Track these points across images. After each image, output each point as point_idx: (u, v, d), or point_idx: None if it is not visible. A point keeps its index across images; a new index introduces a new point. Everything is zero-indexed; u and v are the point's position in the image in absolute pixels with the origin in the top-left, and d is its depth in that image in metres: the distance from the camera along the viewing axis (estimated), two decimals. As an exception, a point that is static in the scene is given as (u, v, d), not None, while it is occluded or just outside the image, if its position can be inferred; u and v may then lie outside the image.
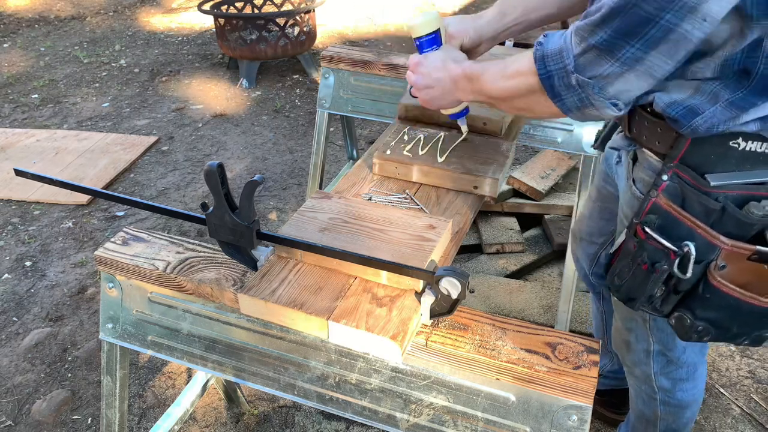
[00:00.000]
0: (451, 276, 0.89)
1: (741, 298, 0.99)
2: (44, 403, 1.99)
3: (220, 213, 1.00)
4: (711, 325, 1.04)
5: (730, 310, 1.01)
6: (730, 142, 0.97)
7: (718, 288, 0.99)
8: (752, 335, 1.07)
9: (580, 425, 0.88)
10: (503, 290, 2.37)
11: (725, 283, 0.98)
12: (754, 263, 0.97)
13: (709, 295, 1.01)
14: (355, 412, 1.04)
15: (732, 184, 0.98)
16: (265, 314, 0.99)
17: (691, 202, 1.01)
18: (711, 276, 0.99)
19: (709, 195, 0.99)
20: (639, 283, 1.06)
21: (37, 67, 4.81)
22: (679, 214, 1.01)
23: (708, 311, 1.03)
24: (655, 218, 1.04)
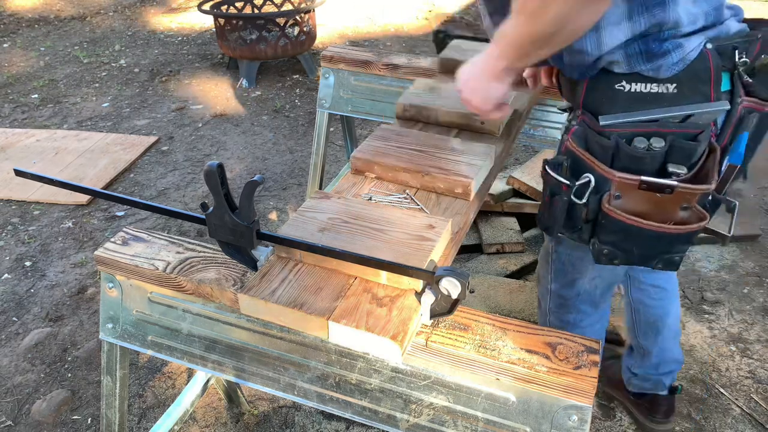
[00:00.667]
0: (451, 276, 0.89)
1: (626, 221, 1.10)
2: (44, 403, 1.99)
3: (220, 213, 1.00)
4: (615, 248, 1.16)
5: (622, 233, 1.12)
6: (615, 85, 1.07)
7: (608, 213, 1.11)
8: (661, 258, 1.16)
9: (581, 425, 0.88)
10: (503, 290, 2.37)
11: (613, 210, 1.10)
12: (646, 192, 1.07)
13: (604, 221, 1.13)
14: (355, 413, 1.04)
15: (620, 123, 1.08)
16: (265, 314, 0.98)
17: (591, 143, 1.12)
18: (603, 205, 1.11)
19: (602, 134, 1.09)
20: (548, 212, 1.19)
21: (37, 67, 4.81)
22: (581, 153, 1.12)
23: (607, 235, 1.15)
24: (565, 158, 1.15)
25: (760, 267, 2.55)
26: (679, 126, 1.07)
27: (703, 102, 1.06)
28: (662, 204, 1.08)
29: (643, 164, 1.07)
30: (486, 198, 1.38)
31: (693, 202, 1.07)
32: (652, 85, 1.05)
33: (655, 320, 1.71)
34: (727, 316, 2.31)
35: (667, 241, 1.12)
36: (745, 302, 2.37)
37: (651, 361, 1.77)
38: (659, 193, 1.06)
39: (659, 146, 1.05)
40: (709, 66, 1.04)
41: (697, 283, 2.46)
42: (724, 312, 2.32)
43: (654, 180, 1.05)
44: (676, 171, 1.06)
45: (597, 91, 1.11)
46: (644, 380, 1.81)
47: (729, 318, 2.30)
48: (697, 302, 2.37)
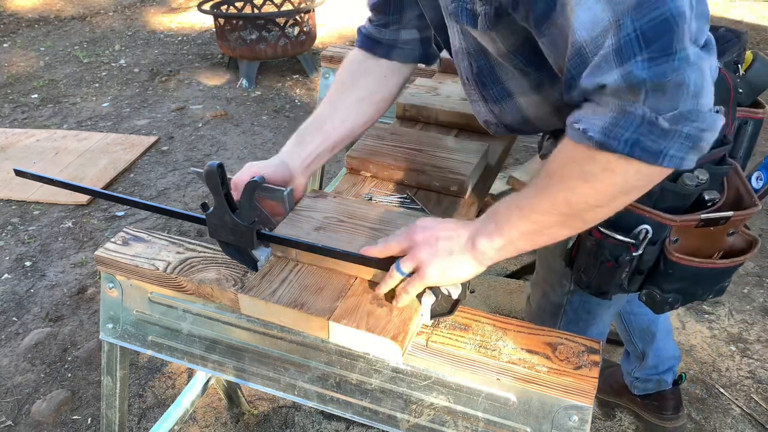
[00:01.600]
0: (451, 276, 0.88)
1: (700, 266, 1.05)
2: (44, 403, 1.99)
3: (220, 213, 1.00)
4: (679, 294, 1.10)
5: (692, 278, 1.07)
6: None
7: (677, 262, 1.05)
8: (714, 290, 1.13)
9: (581, 425, 0.88)
10: (503, 290, 2.37)
11: (683, 257, 1.04)
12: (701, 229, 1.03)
13: (671, 270, 1.06)
14: (356, 413, 1.04)
15: None
16: (265, 315, 0.98)
17: None
18: (668, 252, 1.04)
19: None
20: (608, 278, 1.10)
21: (37, 67, 4.81)
22: None
23: (673, 284, 1.08)
24: None
25: (760, 267, 2.55)
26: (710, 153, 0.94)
27: None
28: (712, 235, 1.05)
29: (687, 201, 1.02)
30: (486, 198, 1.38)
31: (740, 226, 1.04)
32: None
33: (647, 326, 1.71)
34: (727, 316, 2.31)
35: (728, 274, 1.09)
36: (745, 302, 2.37)
37: (649, 363, 1.77)
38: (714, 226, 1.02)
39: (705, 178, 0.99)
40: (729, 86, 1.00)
41: (697, 283, 2.46)
42: (724, 312, 2.32)
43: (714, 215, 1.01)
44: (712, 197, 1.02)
45: None
46: (647, 382, 1.81)
47: (729, 318, 2.30)
48: (697, 302, 2.37)
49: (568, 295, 1.34)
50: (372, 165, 1.32)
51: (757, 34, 5.13)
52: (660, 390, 1.82)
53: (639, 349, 1.76)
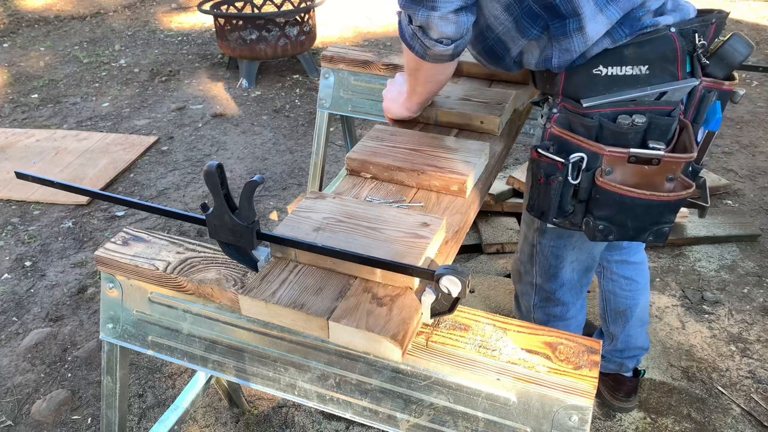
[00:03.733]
0: (451, 274, 0.89)
1: (621, 193, 1.16)
2: (44, 403, 1.99)
3: (220, 213, 1.00)
4: (609, 222, 1.21)
5: (617, 205, 1.18)
6: (593, 70, 1.17)
7: (601, 187, 1.17)
8: (652, 230, 1.22)
9: (581, 425, 0.88)
10: (503, 290, 2.37)
11: (607, 182, 1.16)
12: (635, 165, 1.15)
13: (598, 195, 1.19)
14: (356, 413, 1.04)
15: (602, 104, 1.16)
16: (265, 315, 0.99)
17: (575, 125, 1.19)
18: (597, 179, 1.18)
19: (586, 116, 1.17)
20: (543, 196, 1.25)
21: (37, 67, 4.81)
22: (568, 136, 1.20)
23: (602, 210, 1.21)
24: (551, 143, 1.22)
25: (760, 267, 2.55)
26: (654, 104, 1.16)
27: (672, 80, 1.16)
28: (650, 176, 1.16)
29: (626, 140, 1.15)
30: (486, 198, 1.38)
31: (677, 172, 1.15)
32: (626, 67, 1.15)
33: (624, 309, 1.80)
34: (727, 316, 2.31)
35: (657, 211, 1.19)
36: (745, 302, 2.37)
37: (617, 346, 1.88)
38: (647, 165, 1.14)
39: (641, 121, 1.13)
40: (676, 47, 1.14)
41: (697, 283, 2.46)
42: (724, 312, 2.32)
43: (642, 151, 1.13)
44: (656, 146, 1.14)
45: (576, 77, 1.20)
46: (609, 362, 1.92)
47: (729, 318, 2.30)
48: (697, 302, 2.37)
49: (537, 235, 1.51)
50: (372, 166, 1.32)
51: (757, 34, 5.13)
52: (620, 373, 1.93)
53: (610, 329, 1.86)
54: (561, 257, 1.52)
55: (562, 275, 1.55)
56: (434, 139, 1.41)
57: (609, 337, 1.88)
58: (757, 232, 2.71)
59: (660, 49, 1.14)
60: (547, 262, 1.54)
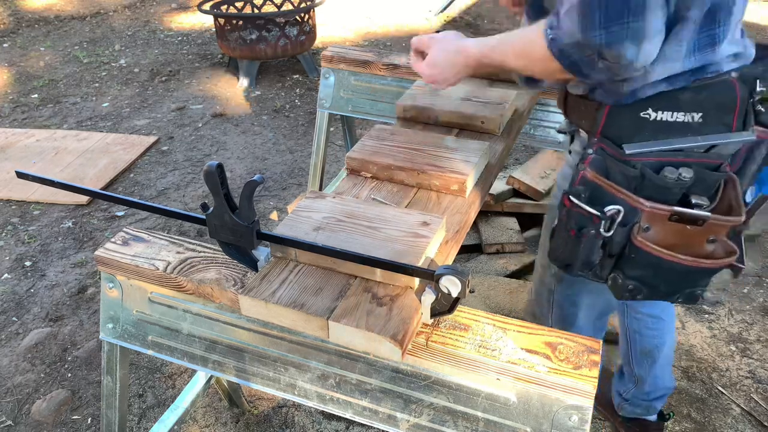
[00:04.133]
0: (451, 274, 0.89)
1: (660, 256, 1.07)
2: (44, 403, 1.99)
3: (220, 213, 1.00)
4: (640, 283, 1.12)
5: (652, 267, 1.09)
6: (641, 113, 1.05)
7: (639, 247, 1.08)
8: (684, 292, 1.13)
9: (581, 425, 0.88)
10: (503, 290, 2.37)
11: (646, 243, 1.07)
12: (676, 224, 1.05)
13: (633, 254, 1.09)
14: (356, 413, 1.04)
15: (647, 152, 1.06)
16: (265, 316, 0.98)
17: (614, 172, 1.09)
18: (634, 237, 1.08)
19: (626, 163, 1.07)
20: (571, 249, 1.14)
21: (37, 67, 4.81)
22: (604, 183, 1.09)
23: (634, 270, 1.11)
24: (584, 189, 1.11)
25: (760, 267, 2.55)
26: (702, 156, 1.05)
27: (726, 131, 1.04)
28: (690, 236, 1.06)
29: (669, 195, 1.05)
30: (486, 198, 1.38)
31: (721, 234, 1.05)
32: (678, 114, 1.04)
33: (651, 350, 1.69)
34: (727, 316, 2.31)
35: (695, 276, 1.10)
36: (745, 302, 2.37)
37: (644, 389, 1.75)
38: (690, 225, 1.04)
39: (688, 177, 1.03)
40: (736, 96, 1.03)
41: (697, 283, 2.46)
42: (724, 312, 2.32)
43: (688, 211, 1.03)
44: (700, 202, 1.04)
45: (621, 118, 1.08)
46: (635, 405, 1.79)
47: (729, 318, 2.30)
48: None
49: (554, 280, 1.41)
50: (372, 165, 1.32)
51: (757, 33, 5.14)
52: (646, 418, 1.80)
53: (636, 372, 1.74)
54: (577, 303, 1.43)
55: (578, 322, 1.47)
56: (434, 138, 1.41)
57: (633, 380, 1.76)
58: (757, 232, 2.70)
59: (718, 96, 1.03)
60: (563, 309, 1.45)
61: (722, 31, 1.01)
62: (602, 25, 0.92)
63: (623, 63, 0.95)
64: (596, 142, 1.12)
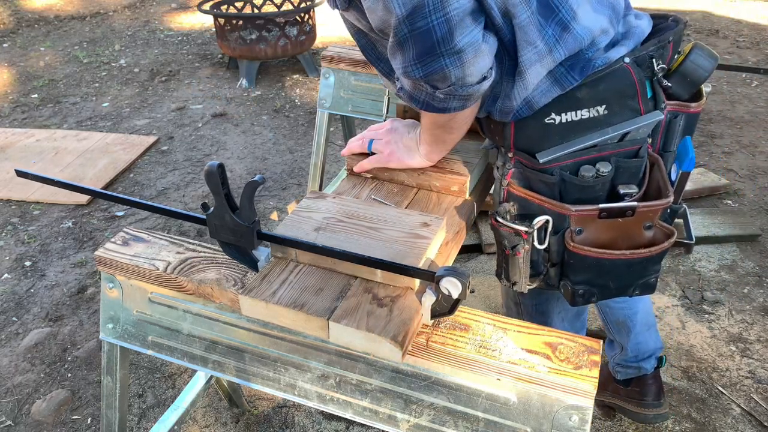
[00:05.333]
0: (451, 276, 0.88)
1: (596, 256, 1.06)
2: (44, 403, 1.99)
3: (220, 213, 1.00)
4: (590, 286, 1.11)
5: (595, 269, 1.08)
6: (545, 119, 1.05)
7: (573, 251, 1.07)
8: (637, 284, 1.12)
9: (581, 425, 0.88)
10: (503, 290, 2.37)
11: (578, 246, 1.06)
12: (607, 221, 1.04)
13: (572, 260, 1.09)
14: (356, 413, 1.04)
15: (561, 156, 1.05)
16: (266, 316, 0.99)
17: (534, 183, 1.09)
18: (567, 243, 1.07)
19: (544, 171, 1.06)
20: (511, 267, 1.14)
21: (37, 67, 4.81)
22: (528, 195, 1.09)
23: (579, 274, 1.10)
24: (512, 205, 1.12)
25: (760, 267, 2.55)
26: (618, 146, 1.05)
27: (635, 116, 1.04)
28: (626, 228, 1.06)
29: (594, 193, 1.05)
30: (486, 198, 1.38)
31: (655, 219, 1.05)
32: (581, 111, 1.03)
33: (624, 320, 1.71)
34: (727, 316, 2.31)
35: (641, 267, 1.09)
36: (745, 302, 2.37)
37: (628, 354, 1.79)
38: (621, 218, 1.04)
39: (607, 170, 1.04)
40: (633, 80, 1.02)
41: (697, 283, 2.46)
42: (724, 312, 2.32)
43: (613, 206, 1.03)
44: (628, 191, 1.05)
45: (528, 128, 1.08)
46: (627, 368, 1.83)
47: (729, 318, 2.30)
48: (697, 302, 2.37)
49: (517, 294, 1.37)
50: None
51: (757, 33, 5.14)
52: (640, 375, 1.82)
53: (617, 340, 1.78)
54: (546, 312, 1.42)
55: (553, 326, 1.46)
56: None
57: (618, 346, 1.80)
58: (757, 232, 2.71)
59: (616, 85, 1.02)
60: (533, 319, 1.42)
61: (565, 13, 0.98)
62: (416, 60, 0.95)
63: (457, 84, 0.96)
64: (512, 157, 1.12)
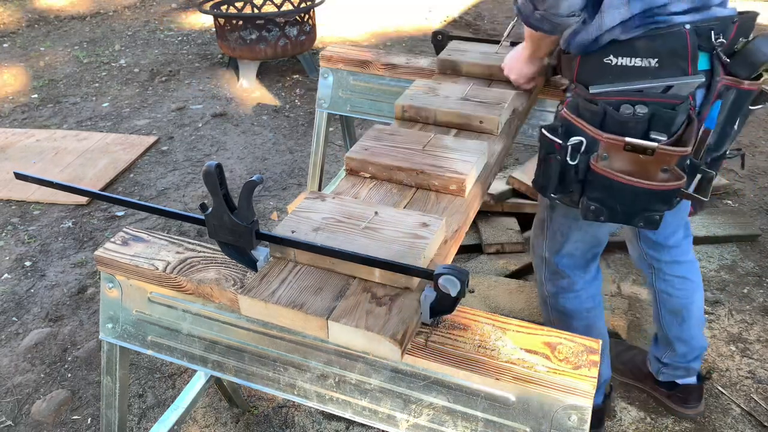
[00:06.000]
0: (450, 274, 0.89)
1: (611, 177, 1.22)
2: (44, 403, 1.99)
3: (219, 214, 1.00)
4: (601, 204, 1.27)
5: (608, 189, 1.24)
6: (604, 59, 1.24)
7: (594, 170, 1.24)
8: (642, 215, 1.26)
9: (580, 425, 0.89)
10: (503, 290, 2.37)
11: (599, 166, 1.22)
12: (631, 153, 1.19)
13: (591, 178, 1.26)
14: (355, 412, 1.04)
15: (608, 92, 1.23)
16: (265, 315, 0.99)
17: (582, 110, 1.26)
18: (591, 162, 1.24)
19: (592, 102, 1.24)
20: (543, 172, 1.33)
21: (37, 67, 4.81)
22: (573, 119, 1.26)
23: (594, 191, 1.27)
24: (559, 124, 1.28)
25: (760, 267, 2.55)
26: (660, 96, 1.21)
27: (682, 75, 1.20)
28: (644, 165, 1.20)
29: (628, 129, 1.20)
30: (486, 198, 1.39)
31: (672, 164, 1.18)
32: (636, 59, 1.21)
33: (680, 309, 1.77)
34: (727, 316, 2.31)
35: (645, 198, 1.23)
36: (745, 302, 2.37)
37: (678, 350, 1.83)
38: (642, 154, 1.18)
39: (643, 112, 1.19)
40: (686, 44, 1.19)
41: (697, 283, 2.46)
42: (724, 312, 2.32)
43: (637, 141, 1.18)
44: (657, 137, 1.19)
45: (588, 64, 1.28)
46: (674, 369, 1.87)
47: (729, 318, 2.29)
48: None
49: (548, 210, 1.59)
50: (371, 166, 1.32)
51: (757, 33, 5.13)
52: (687, 383, 1.88)
53: (666, 332, 1.82)
54: (567, 235, 1.58)
55: (565, 250, 1.61)
56: (433, 138, 1.41)
57: (667, 343, 1.84)
58: (757, 232, 2.70)
59: (671, 44, 1.19)
60: (554, 237, 1.60)
61: None
62: None
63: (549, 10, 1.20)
64: (573, 88, 1.32)
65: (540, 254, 1.68)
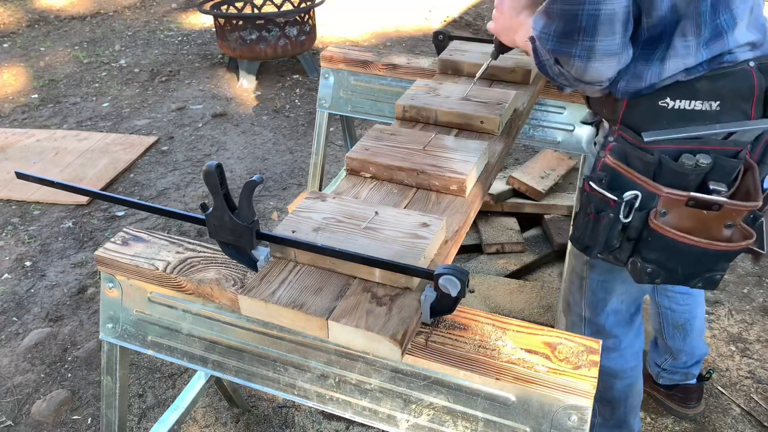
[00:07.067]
0: (450, 274, 0.89)
1: (675, 238, 1.09)
2: (44, 403, 1.99)
3: (219, 213, 1.00)
4: (658, 266, 1.15)
5: (669, 250, 1.12)
6: (659, 102, 1.09)
7: (655, 230, 1.11)
8: (703, 276, 1.16)
9: (580, 425, 0.88)
10: (503, 290, 2.37)
11: (661, 225, 1.10)
12: (693, 209, 1.08)
13: (650, 238, 1.13)
14: (355, 412, 1.04)
15: (665, 140, 1.10)
16: (265, 315, 0.99)
17: (632, 159, 1.13)
18: (650, 220, 1.11)
19: (645, 150, 1.11)
20: (591, 231, 1.19)
21: (37, 67, 4.81)
22: (623, 170, 1.13)
23: (652, 253, 1.15)
24: (604, 175, 1.15)
25: (760, 267, 2.55)
26: (721, 143, 1.08)
27: (744, 119, 1.07)
28: (707, 221, 1.08)
29: (686, 181, 1.08)
30: (486, 198, 1.38)
31: (738, 219, 1.07)
32: (695, 102, 1.07)
33: (683, 323, 1.76)
34: (726, 316, 2.31)
35: (712, 259, 1.12)
36: (744, 302, 2.37)
37: (680, 359, 1.83)
38: (706, 210, 1.06)
39: (706, 162, 1.06)
40: (753, 84, 1.06)
41: (697, 283, 2.46)
42: (724, 312, 2.32)
43: (704, 196, 1.05)
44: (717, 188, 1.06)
45: (639, 107, 1.12)
46: (673, 374, 1.88)
47: (729, 318, 2.30)
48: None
49: (586, 268, 1.44)
50: (372, 166, 1.32)
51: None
52: (686, 383, 1.89)
53: (669, 345, 1.81)
54: (610, 290, 1.45)
55: (609, 307, 1.48)
56: (434, 138, 1.41)
57: (668, 351, 1.84)
58: (757, 232, 2.70)
59: (735, 84, 1.06)
60: (596, 296, 1.47)
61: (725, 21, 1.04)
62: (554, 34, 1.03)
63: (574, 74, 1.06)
64: (617, 131, 1.16)
65: (578, 313, 1.53)
